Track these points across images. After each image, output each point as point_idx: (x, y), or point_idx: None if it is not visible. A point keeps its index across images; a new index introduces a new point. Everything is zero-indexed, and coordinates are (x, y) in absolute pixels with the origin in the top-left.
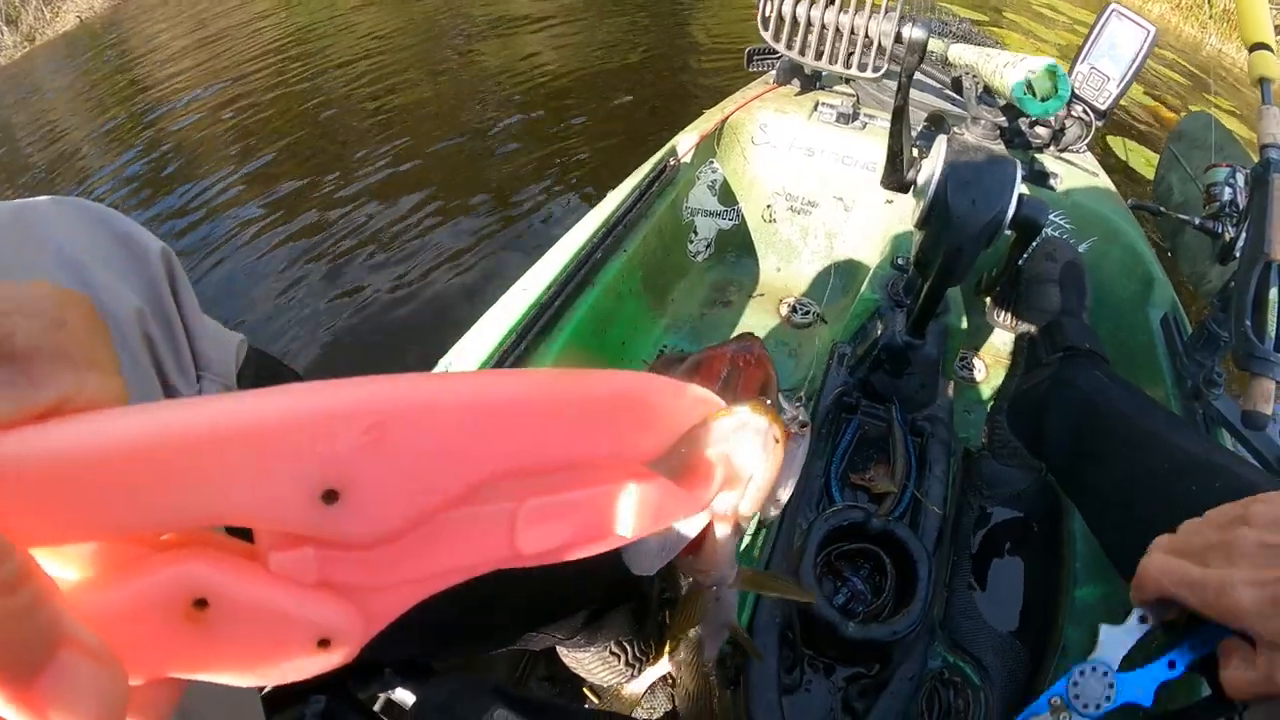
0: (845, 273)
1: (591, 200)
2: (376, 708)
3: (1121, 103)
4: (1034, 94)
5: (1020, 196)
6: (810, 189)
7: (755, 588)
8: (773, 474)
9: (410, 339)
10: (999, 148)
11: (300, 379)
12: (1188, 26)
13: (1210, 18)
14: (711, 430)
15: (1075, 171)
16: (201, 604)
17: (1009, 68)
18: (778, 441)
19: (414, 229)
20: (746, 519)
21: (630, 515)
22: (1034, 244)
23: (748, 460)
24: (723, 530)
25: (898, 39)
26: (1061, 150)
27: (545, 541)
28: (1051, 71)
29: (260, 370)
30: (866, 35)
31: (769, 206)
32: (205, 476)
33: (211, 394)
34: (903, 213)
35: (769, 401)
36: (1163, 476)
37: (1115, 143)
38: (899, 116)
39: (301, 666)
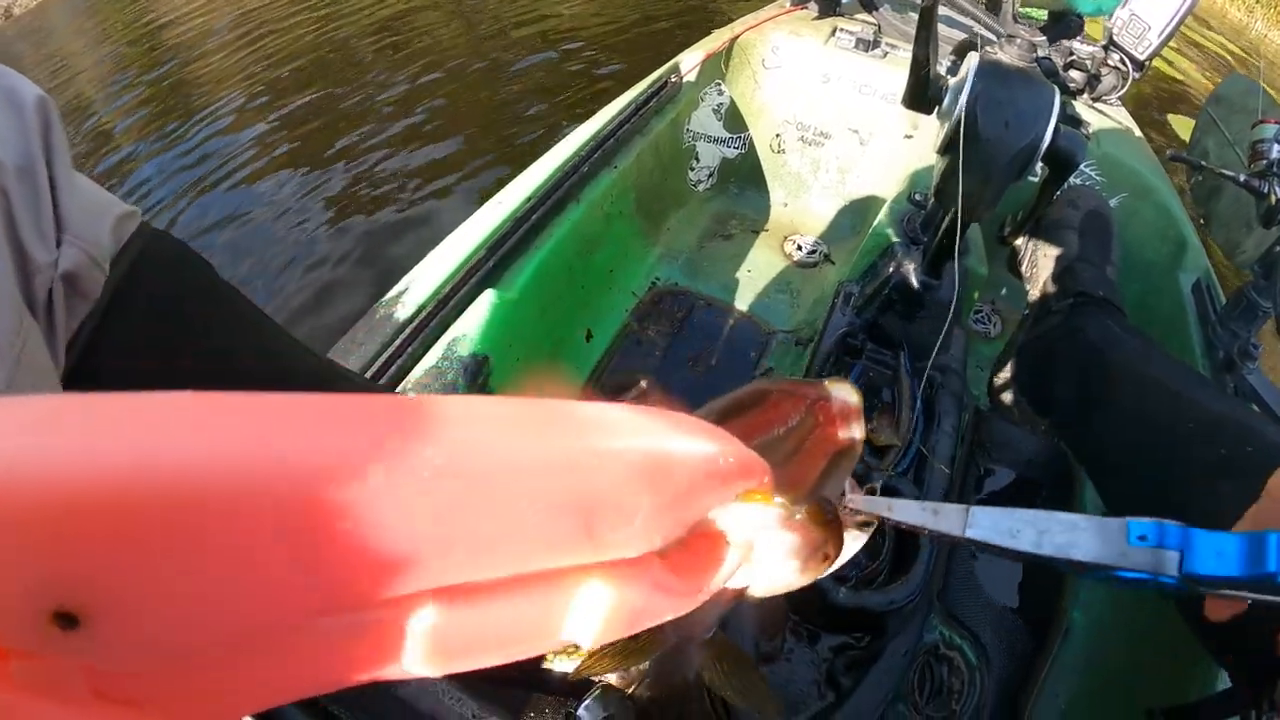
0: (857, 210)
1: None
2: None
3: (1156, 69)
4: None
5: (1057, 128)
6: (824, 119)
7: (719, 674)
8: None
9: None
10: (1035, 70)
11: (210, 271)
12: (1233, 9)
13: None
14: (742, 514)
15: (1109, 122)
16: None
17: None
18: (828, 560)
19: (426, 155)
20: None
21: (592, 622)
22: (1061, 189)
23: (776, 568)
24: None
25: None
26: (1095, 99)
27: (452, 658)
28: None
29: (154, 251)
30: None
31: (778, 136)
32: None
33: (71, 259)
34: (923, 149)
35: (841, 495)
36: (1183, 435)
37: (1149, 104)
38: (927, 18)
39: None
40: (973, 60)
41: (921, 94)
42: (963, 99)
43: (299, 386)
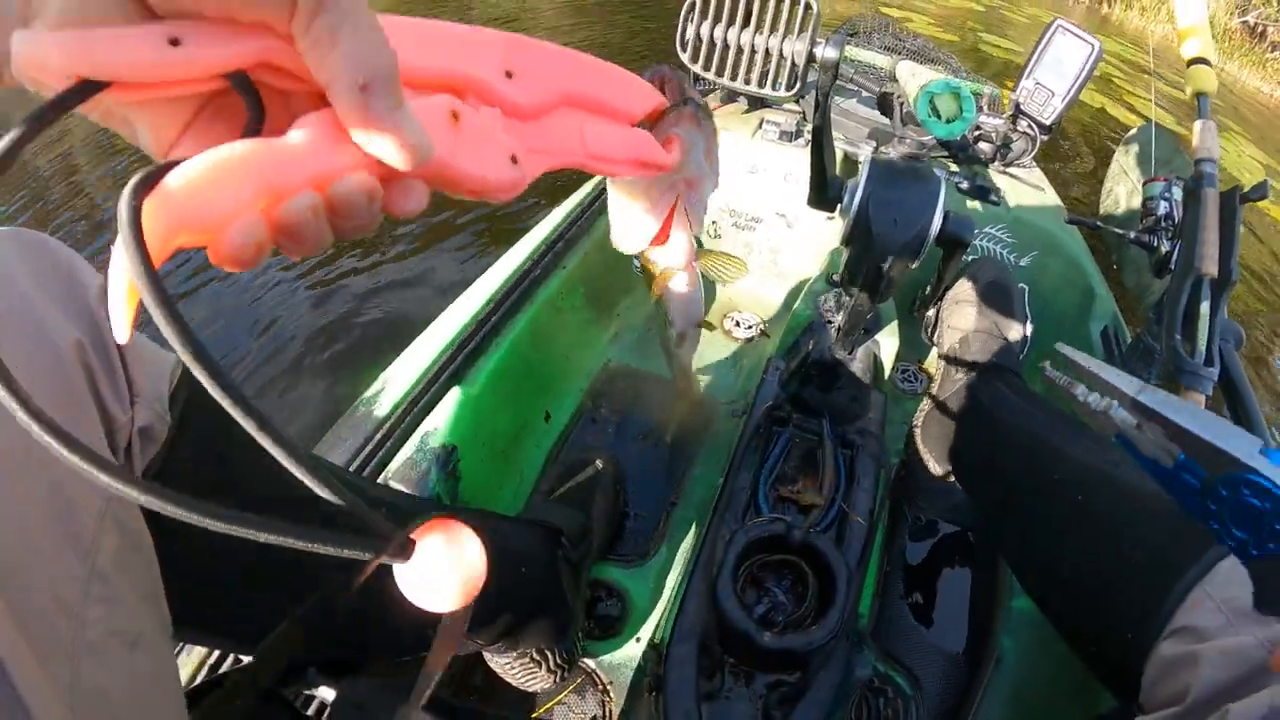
0: (788, 287)
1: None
2: (308, 710)
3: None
4: (938, 115)
5: (947, 214)
6: (754, 205)
7: (706, 259)
8: (711, 140)
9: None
10: (924, 166)
11: (231, 383)
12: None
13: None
14: (666, 118)
15: (1020, 186)
16: (455, 117)
17: (915, 77)
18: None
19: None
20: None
21: (640, 146)
22: (965, 262)
23: (691, 134)
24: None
25: (810, 59)
26: (1007, 165)
27: (598, 146)
28: (955, 92)
29: (195, 393)
30: (781, 55)
31: (714, 223)
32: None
33: (143, 417)
34: (841, 229)
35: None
36: (1057, 486)
37: (1068, 154)
38: (817, 138)
39: (502, 172)
40: (865, 163)
41: (822, 197)
42: (857, 199)
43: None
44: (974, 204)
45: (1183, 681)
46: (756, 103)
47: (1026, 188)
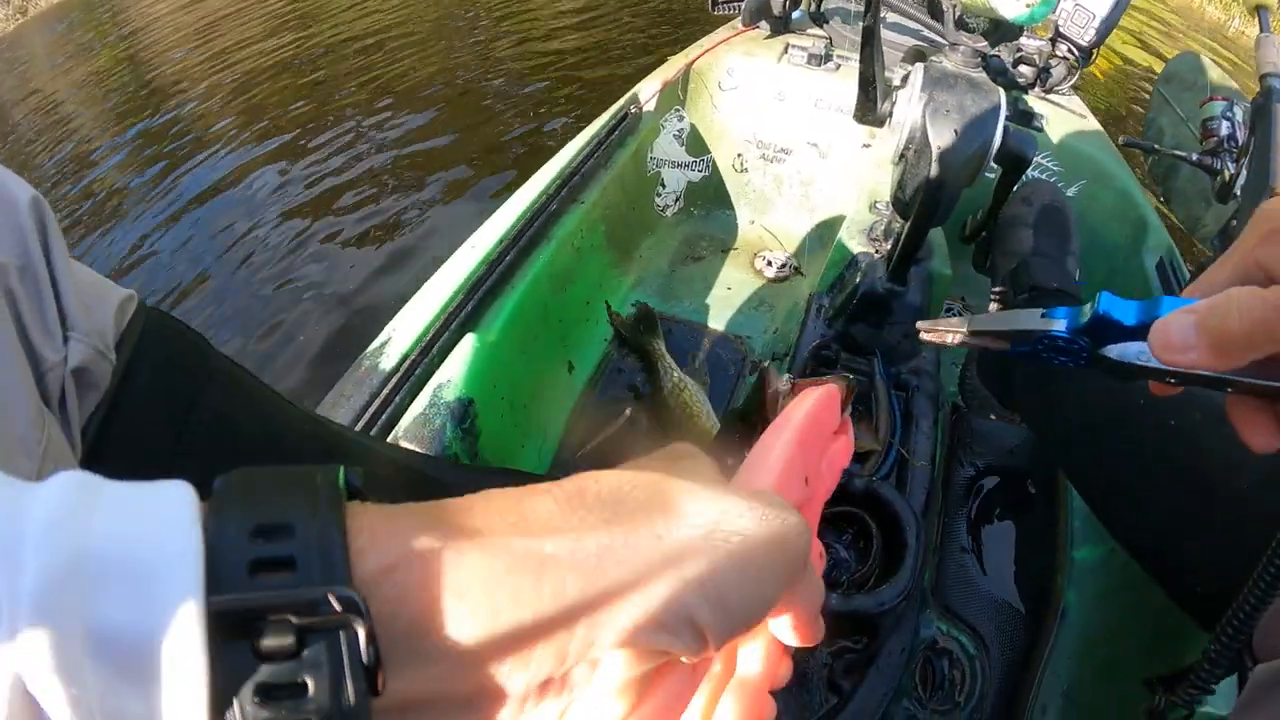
0: (823, 222)
1: None
2: None
3: (1107, 48)
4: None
5: (1006, 128)
6: (783, 135)
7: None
8: None
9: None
10: (981, 75)
11: (207, 347)
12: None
13: None
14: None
15: (1062, 113)
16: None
17: None
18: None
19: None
20: None
21: (840, 459)
22: (1017, 185)
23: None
24: None
25: None
26: (1047, 91)
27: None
28: None
29: (152, 333)
30: None
31: (740, 155)
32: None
33: (79, 355)
34: (881, 156)
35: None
36: (1143, 414)
37: (1101, 88)
38: (869, 38)
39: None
40: (919, 71)
41: (871, 109)
42: (913, 110)
43: (295, 447)
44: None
45: None
46: (780, 26)
47: (1069, 114)
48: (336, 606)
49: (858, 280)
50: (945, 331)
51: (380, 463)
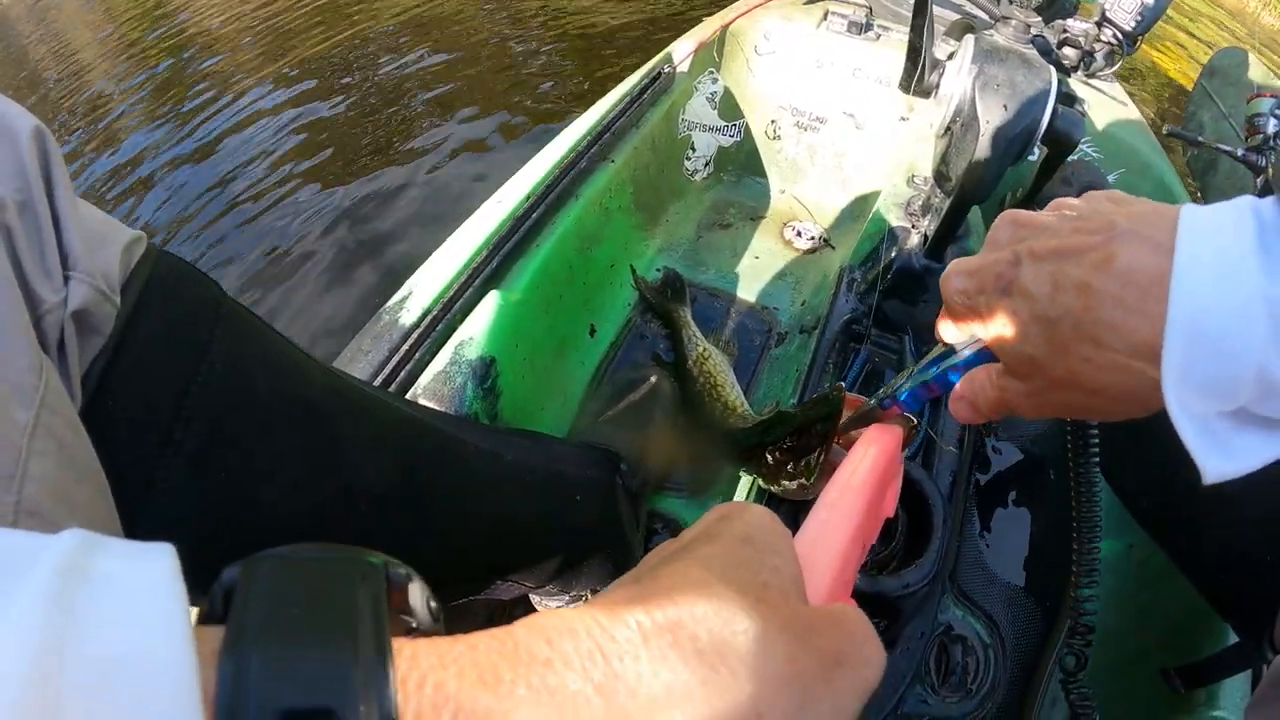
0: (856, 195)
1: None
2: None
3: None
4: None
5: (1055, 108)
6: (819, 104)
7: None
8: None
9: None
10: (1032, 52)
11: (215, 288)
12: None
13: None
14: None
15: (1104, 99)
16: None
17: None
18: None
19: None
20: None
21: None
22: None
23: None
24: None
25: None
26: (1090, 75)
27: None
28: None
29: (161, 277)
30: None
31: (773, 122)
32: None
33: (80, 297)
34: (919, 130)
35: None
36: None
37: (1142, 77)
38: (922, 7)
39: None
40: (970, 43)
41: (920, 79)
42: (962, 83)
43: (312, 403)
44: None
45: None
46: None
47: (1111, 101)
48: None
49: (893, 255)
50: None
51: (400, 421)
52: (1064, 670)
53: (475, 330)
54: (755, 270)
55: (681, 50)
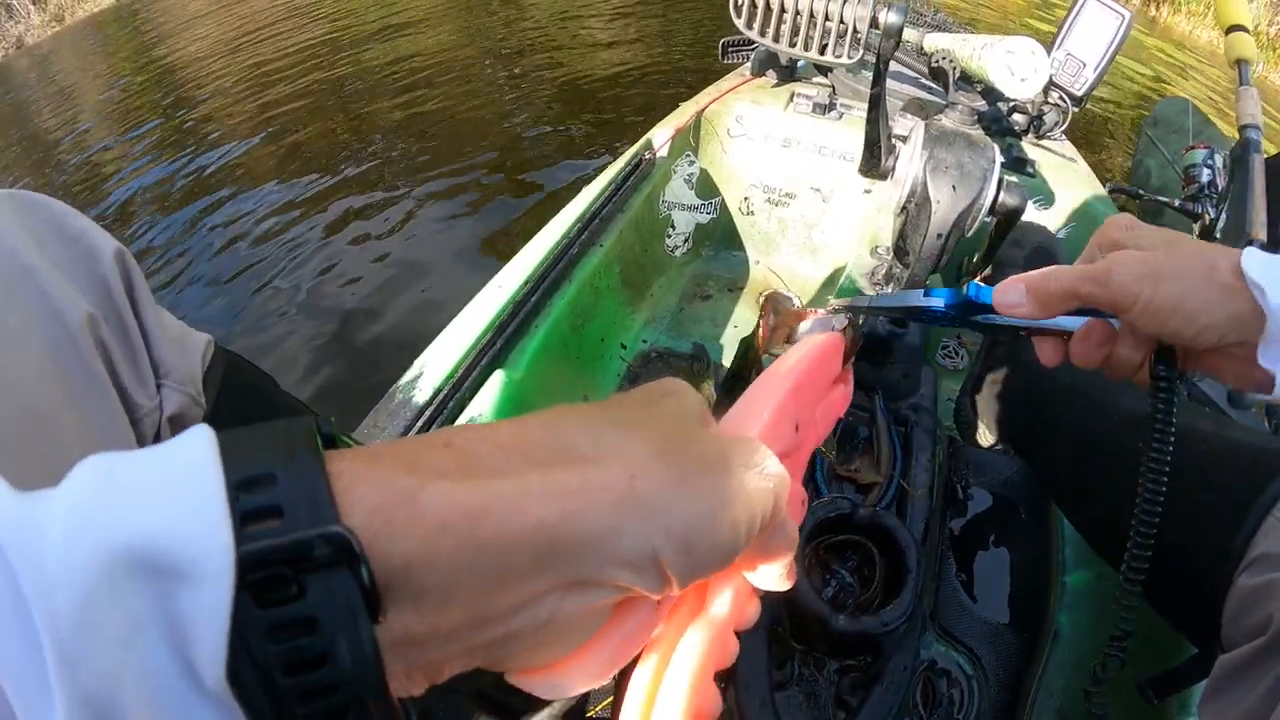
0: (825, 264)
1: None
2: None
3: (1097, 90)
4: (1013, 74)
5: (1001, 181)
6: (787, 180)
7: None
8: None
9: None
10: (978, 133)
11: (272, 382)
12: (1163, 11)
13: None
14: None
15: (1053, 158)
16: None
17: (986, 49)
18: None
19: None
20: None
21: (838, 406)
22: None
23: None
24: None
25: (873, 24)
26: (1040, 137)
27: (825, 428)
28: (1033, 51)
29: (229, 375)
30: (841, 21)
31: (746, 199)
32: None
33: (173, 402)
34: (881, 202)
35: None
36: (1110, 434)
37: (1093, 129)
38: (876, 104)
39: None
40: (919, 130)
41: (876, 165)
42: (914, 166)
43: None
44: (1011, 176)
45: (1265, 611)
46: (787, 75)
47: (1060, 159)
48: (328, 547)
49: (860, 321)
50: (855, 309)
51: None
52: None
53: (483, 407)
54: (735, 338)
55: (660, 136)
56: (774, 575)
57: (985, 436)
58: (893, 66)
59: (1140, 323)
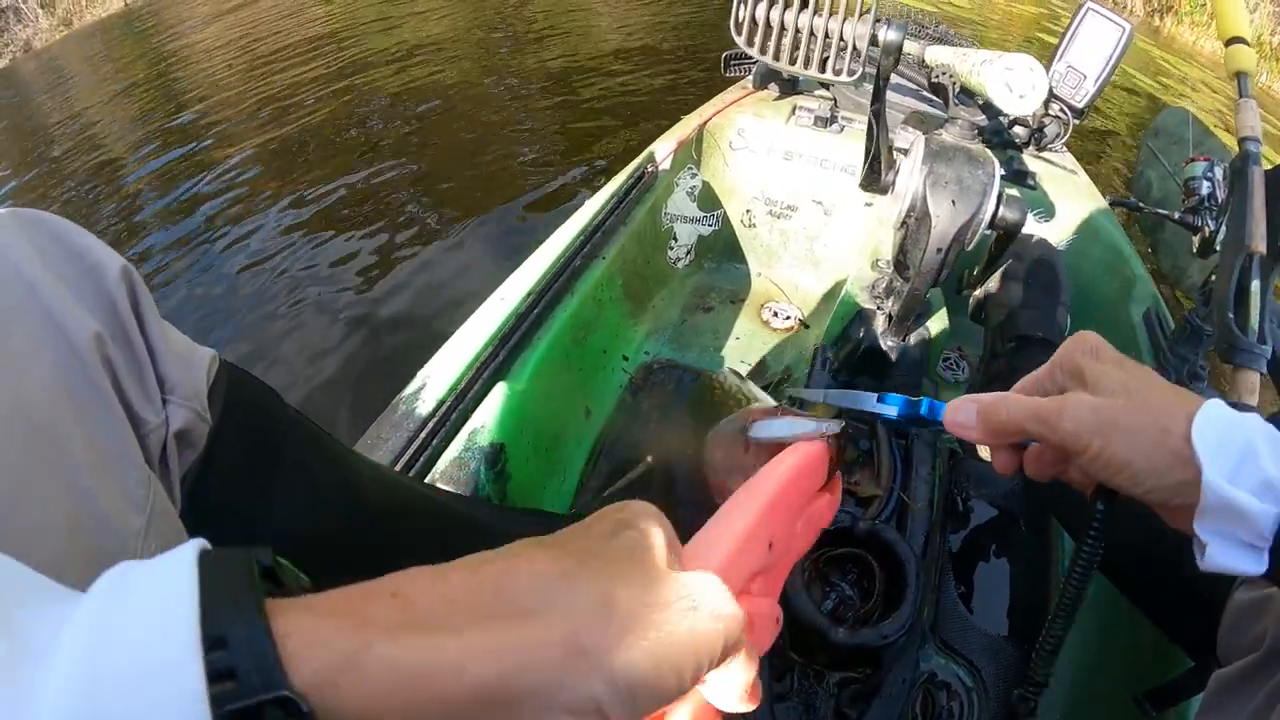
0: (826, 276)
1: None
2: None
3: (1099, 101)
4: (1011, 91)
5: (1000, 195)
6: (789, 193)
7: None
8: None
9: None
10: (978, 147)
11: (275, 397)
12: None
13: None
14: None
15: (1054, 170)
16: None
17: (985, 65)
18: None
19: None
20: None
21: (820, 519)
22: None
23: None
24: None
25: (873, 41)
26: (1040, 149)
27: (804, 544)
28: (1031, 68)
29: (233, 390)
30: (841, 39)
31: (748, 211)
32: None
33: (179, 418)
34: (882, 215)
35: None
36: None
37: (1094, 140)
38: (875, 120)
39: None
40: (919, 145)
41: (876, 180)
42: (914, 181)
43: (366, 497)
44: (1012, 189)
45: (1260, 626)
46: (788, 88)
47: (1061, 171)
48: (279, 710)
49: (860, 335)
50: (807, 402)
51: (433, 509)
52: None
53: (486, 419)
54: (736, 350)
55: (663, 149)
56: (731, 700)
57: (985, 449)
58: (895, 79)
59: (1088, 470)
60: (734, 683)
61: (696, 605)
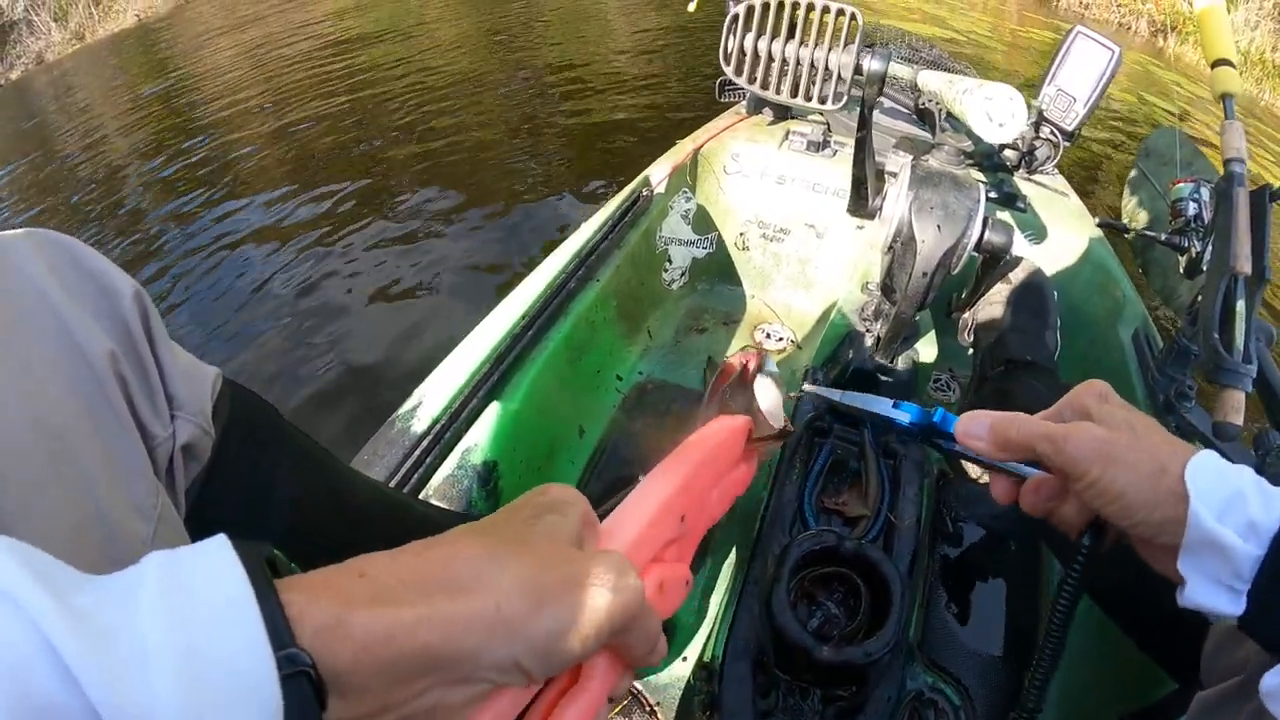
0: (818, 298)
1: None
2: None
3: (1089, 122)
4: (991, 120)
5: (986, 220)
6: (782, 217)
7: None
8: None
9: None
10: (964, 172)
11: (275, 413)
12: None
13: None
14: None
15: (1045, 192)
16: (660, 588)
17: (966, 94)
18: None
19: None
20: None
21: (738, 485)
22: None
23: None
24: None
25: (857, 71)
26: (1031, 172)
27: (720, 509)
28: (1010, 97)
29: (236, 406)
30: (827, 68)
31: (742, 234)
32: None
33: (185, 432)
34: (873, 238)
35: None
36: None
37: (1085, 162)
38: (861, 146)
39: (679, 596)
40: (907, 170)
41: (863, 205)
42: (900, 206)
43: (364, 515)
44: (1002, 212)
45: (1241, 651)
46: (782, 114)
47: (1051, 194)
48: (291, 665)
49: (849, 356)
50: (823, 398)
51: (429, 524)
52: None
53: (479, 438)
54: None
55: (658, 173)
56: (639, 657)
57: (974, 470)
58: (887, 103)
59: (1084, 496)
60: (638, 641)
61: (600, 581)
